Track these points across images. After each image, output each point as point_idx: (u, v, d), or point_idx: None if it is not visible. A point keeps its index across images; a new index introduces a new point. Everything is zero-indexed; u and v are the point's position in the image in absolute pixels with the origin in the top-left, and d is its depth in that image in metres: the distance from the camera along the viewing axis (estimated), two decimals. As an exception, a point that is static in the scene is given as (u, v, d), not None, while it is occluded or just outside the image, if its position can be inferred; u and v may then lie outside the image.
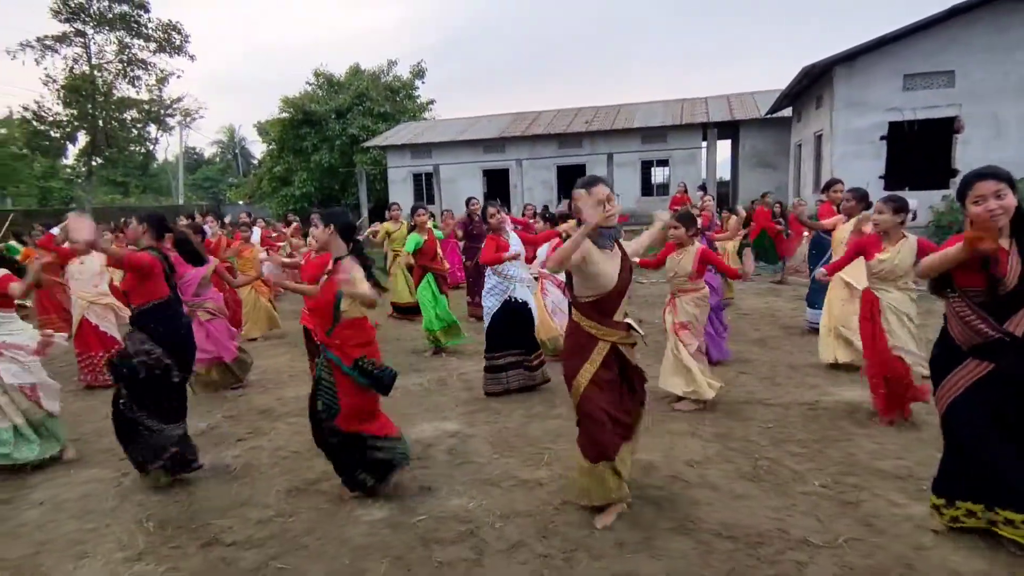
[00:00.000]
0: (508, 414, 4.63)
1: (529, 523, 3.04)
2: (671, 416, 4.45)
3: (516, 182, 20.75)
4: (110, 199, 34.69)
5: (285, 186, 26.68)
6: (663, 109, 21.70)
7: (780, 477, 3.43)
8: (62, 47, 24.23)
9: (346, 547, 2.90)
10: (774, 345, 6.35)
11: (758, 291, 9.50)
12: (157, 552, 2.92)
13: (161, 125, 29.50)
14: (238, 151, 50.82)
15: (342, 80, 27.83)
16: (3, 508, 3.44)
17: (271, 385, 5.67)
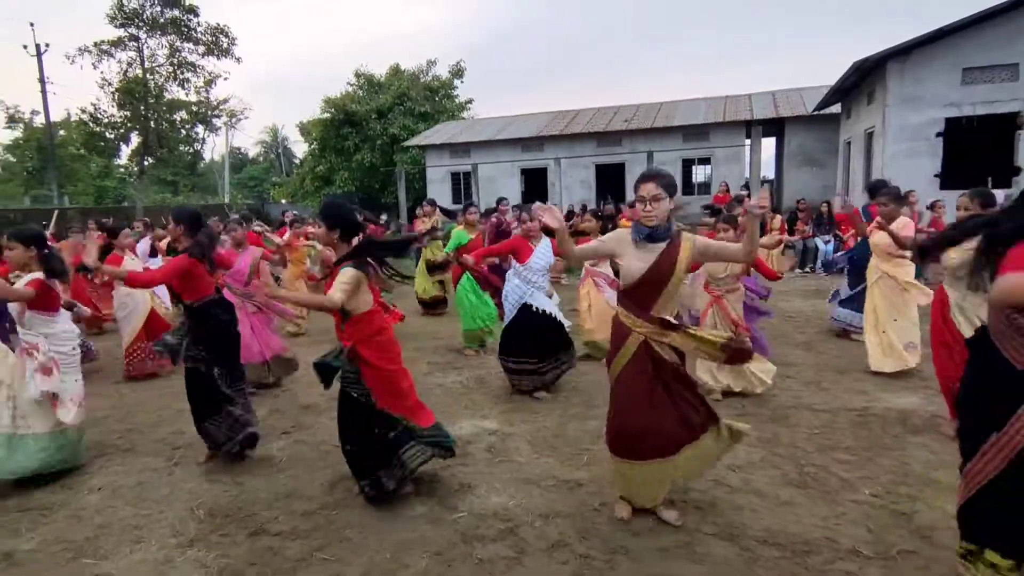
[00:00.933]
0: (547, 413, 4.62)
1: (569, 523, 3.03)
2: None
3: (554, 181, 20.68)
4: (160, 198, 36.01)
5: (327, 185, 27.22)
6: (705, 106, 21.30)
7: (828, 485, 3.34)
8: (117, 52, 25.23)
9: (387, 541, 2.94)
10: (820, 349, 6.17)
11: (803, 293, 9.25)
12: (207, 539, 3.02)
13: (208, 126, 30.41)
14: (281, 151, 52.06)
15: (382, 80, 28.21)
16: (66, 493, 3.61)
17: (315, 380, 5.77)
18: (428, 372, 5.80)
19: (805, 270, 11.28)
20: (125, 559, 2.87)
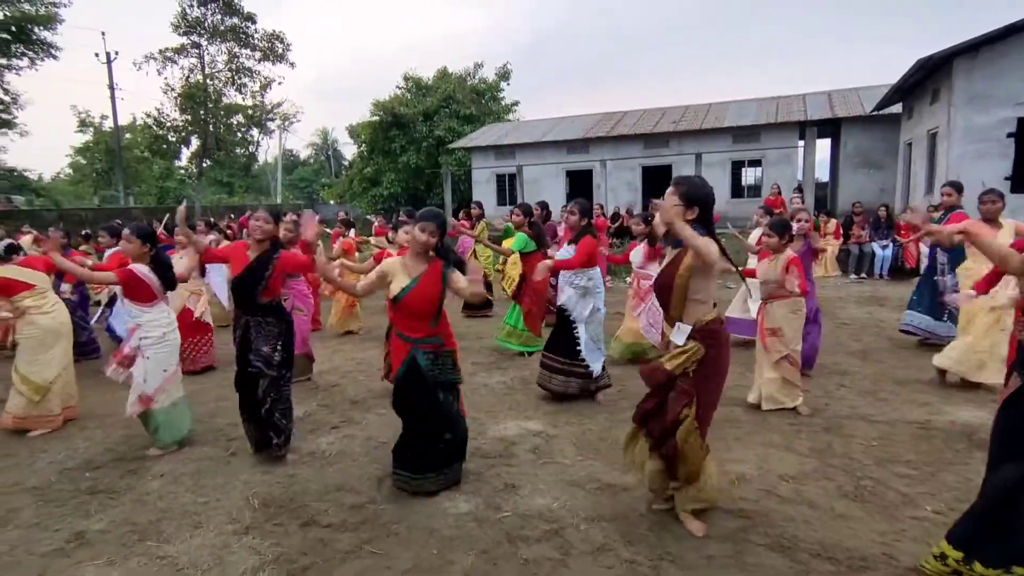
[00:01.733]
0: (591, 416, 4.59)
1: (614, 527, 3.01)
2: (765, 427, 4.27)
3: (600, 183, 20.56)
4: (217, 198, 37.46)
5: (374, 186, 27.79)
6: (756, 107, 20.80)
7: (886, 499, 3.21)
8: (180, 58, 26.38)
9: (434, 537, 2.98)
10: (877, 358, 5.94)
11: (859, 300, 8.92)
12: (262, 528, 3.13)
13: (262, 129, 31.41)
14: (331, 153, 53.41)
15: (430, 83, 28.63)
16: (131, 478, 3.80)
17: (362, 377, 5.92)
18: (472, 372, 5.85)
19: (861, 276, 10.87)
20: (185, 543, 3.00)
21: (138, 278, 4.02)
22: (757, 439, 4.07)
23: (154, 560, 2.87)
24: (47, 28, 18.93)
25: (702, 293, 2.81)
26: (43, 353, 4.66)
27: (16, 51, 18.81)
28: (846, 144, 18.50)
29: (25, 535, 3.15)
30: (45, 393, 4.61)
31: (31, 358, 4.63)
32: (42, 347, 4.65)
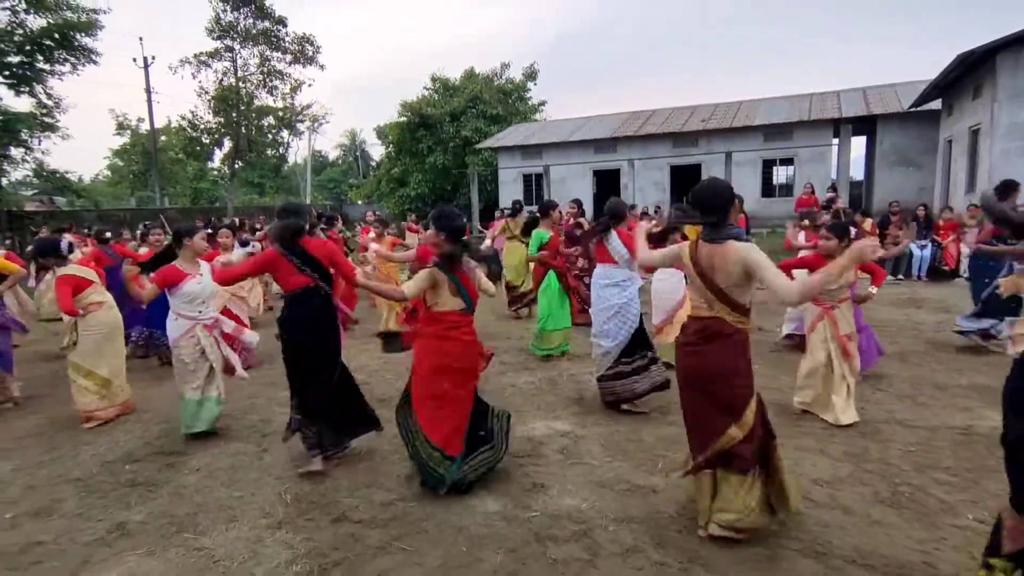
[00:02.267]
0: (619, 417, 4.56)
1: (643, 529, 2.99)
2: (797, 430, 4.19)
3: (627, 182, 20.42)
4: (248, 199, 38.21)
5: (401, 187, 28.05)
6: (788, 105, 20.43)
7: (926, 506, 3.12)
8: (214, 62, 27.03)
9: (462, 535, 3.00)
10: (916, 361, 5.78)
11: (895, 301, 8.69)
12: (294, 522, 3.18)
13: (292, 130, 31.97)
14: (359, 153, 54.04)
15: (457, 84, 28.77)
16: (169, 471, 3.90)
17: (389, 376, 5.98)
18: (501, 372, 5.86)
19: (898, 277, 10.58)
20: (221, 536, 3.07)
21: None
22: (789, 442, 3.98)
23: (191, 551, 2.94)
24: (88, 34, 19.52)
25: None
26: (107, 347, 4.86)
27: (59, 57, 19.45)
28: (882, 142, 18.04)
29: (69, 525, 3.26)
30: (110, 385, 4.84)
31: (97, 352, 4.80)
32: (106, 341, 4.85)
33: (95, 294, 4.89)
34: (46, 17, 18.77)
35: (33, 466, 4.08)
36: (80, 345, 4.79)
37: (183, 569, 2.80)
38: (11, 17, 18.33)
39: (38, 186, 26.36)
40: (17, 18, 18.43)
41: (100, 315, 4.85)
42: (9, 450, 4.39)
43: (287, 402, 5.15)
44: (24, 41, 18.56)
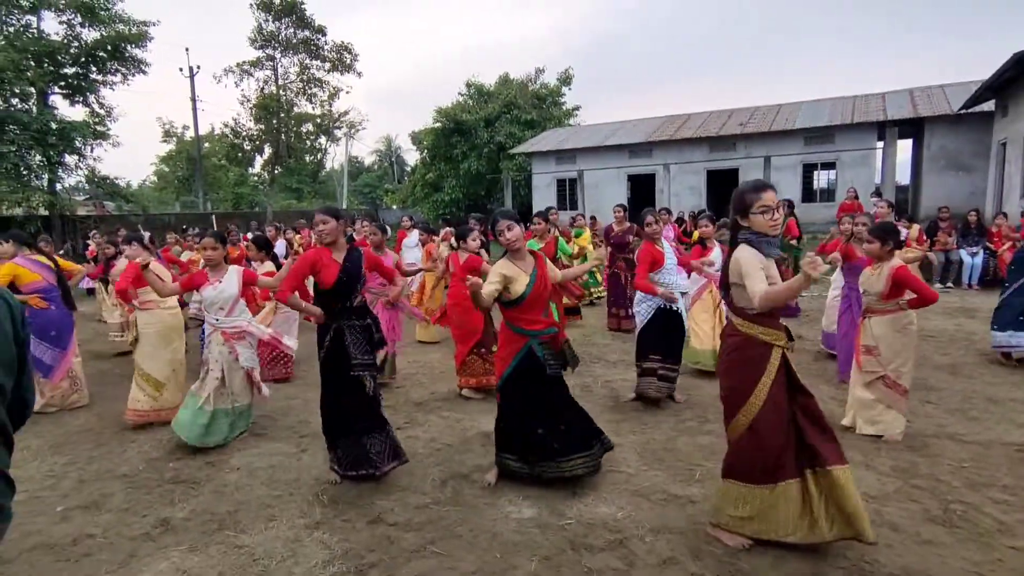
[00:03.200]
0: (656, 426, 4.50)
1: (680, 540, 2.93)
2: (841, 443, 4.04)
3: (662, 187, 20.20)
4: (287, 204, 39.07)
5: (436, 192, 28.33)
6: (831, 107, 19.92)
7: (980, 526, 2.98)
8: (256, 71, 27.81)
9: (497, 541, 2.99)
10: (968, 373, 5.54)
11: (946, 311, 8.36)
12: (331, 523, 3.22)
13: (330, 136, 32.61)
14: (394, 159, 54.73)
15: (492, 89, 28.95)
16: (210, 469, 4.00)
17: (425, 379, 6.02)
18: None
19: (947, 285, 10.19)
20: (261, 534, 3.13)
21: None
22: (833, 455, 3.87)
23: (232, 549, 3.00)
24: (138, 46, 20.31)
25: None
26: (163, 348, 4.90)
27: (111, 68, 20.28)
28: (930, 145, 17.43)
29: (116, 519, 3.37)
30: (162, 389, 4.86)
31: (152, 353, 4.87)
32: (163, 342, 4.91)
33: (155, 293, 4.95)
34: (100, 30, 19.59)
35: (84, 461, 4.23)
36: (139, 343, 4.89)
37: (224, 566, 2.86)
38: (68, 31, 19.20)
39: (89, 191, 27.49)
40: (73, 31, 19.30)
41: (157, 312, 4.91)
42: (62, 445, 4.56)
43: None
44: (79, 53, 19.42)
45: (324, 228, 3.64)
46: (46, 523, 3.34)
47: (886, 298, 4.08)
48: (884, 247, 4.08)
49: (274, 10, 26.39)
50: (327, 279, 3.58)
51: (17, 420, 1.58)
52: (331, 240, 3.66)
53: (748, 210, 2.73)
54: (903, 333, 4.08)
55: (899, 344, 4.08)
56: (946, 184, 16.84)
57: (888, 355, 4.08)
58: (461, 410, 5.05)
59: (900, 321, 4.07)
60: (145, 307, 4.92)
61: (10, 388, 1.48)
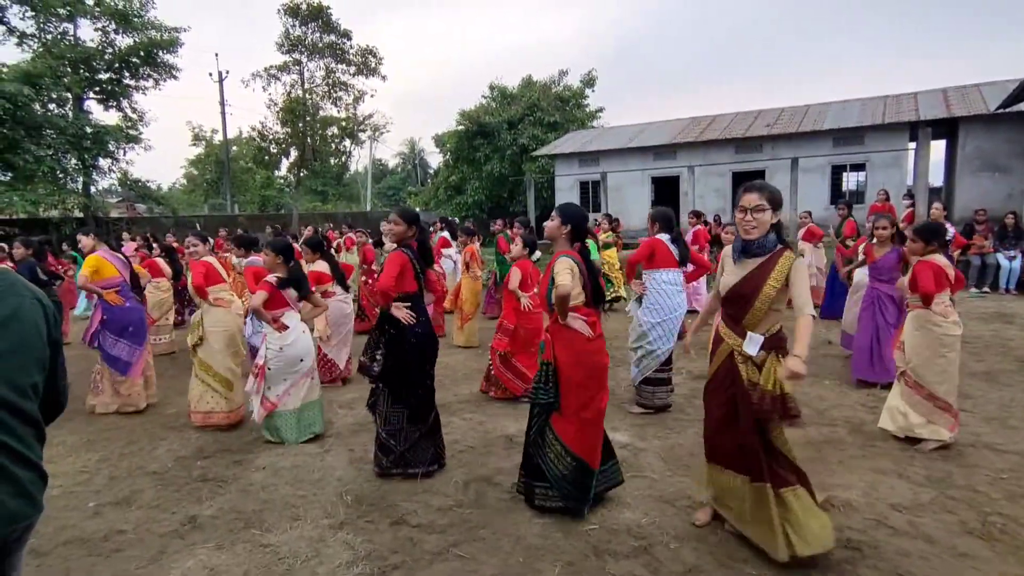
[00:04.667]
0: (680, 430, 4.44)
1: (706, 549, 2.88)
2: (873, 451, 3.96)
3: (687, 190, 19.96)
4: (312, 206, 39.58)
5: (459, 194, 28.44)
6: (860, 107, 19.52)
7: (1020, 540, 2.88)
8: (283, 75, 28.21)
9: (520, 545, 2.97)
10: (1006, 381, 5.37)
11: (982, 316, 8.12)
12: (355, 524, 3.24)
13: (355, 139, 32.91)
14: (417, 162, 55.11)
15: (515, 92, 28.97)
16: (237, 468, 4.06)
17: (448, 382, 6.02)
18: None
19: (983, 290, 9.90)
20: (285, 533, 3.16)
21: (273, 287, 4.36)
22: (864, 464, 3.78)
23: (258, 547, 3.03)
24: (169, 51, 20.76)
25: (781, 303, 2.73)
26: (231, 348, 4.90)
27: (143, 73, 20.76)
28: (964, 146, 16.97)
29: (146, 515, 3.43)
30: (232, 387, 4.83)
31: (224, 352, 4.83)
32: (231, 343, 4.90)
33: (223, 292, 4.99)
34: (133, 36, 20.08)
35: (116, 458, 4.32)
36: (206, 342, 4.83)
37: (250, 564, 2.89)
38: (102, 37, 19.71)
39: (121, 194, 28.17)
40: (108, 38, 19.80)
41: (227, 316, 4.90)
42: (95, 442, 4.67)
43: (349, 404, 5.32)
44: (113, 59, 19.90)
45: (395, 230, 3.77)
46: (79, 518, 3.42)
47: (911, 292, 4.06)
48: (928, 246, 4.02)
49: (301, 15, 26.74)
50: (411, 281, 3.69)
51: (50, 416, 1.66)
52: (400, 242, 3.77)
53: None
54: (923, 332, 3.98)
55: (919, 342, 3.99)
56: (981, 186, 16.38)
57: (909, 352, 4.04)
58: (484, 412, 5.05)
59: (921, 318, 3.99)
60: (217, 304, 4.90)
61: (42, 385, 1.56)
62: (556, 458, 3.17)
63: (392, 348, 3.67)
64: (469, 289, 7.51)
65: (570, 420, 3.15)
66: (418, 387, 3.74)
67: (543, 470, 3.21)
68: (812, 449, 4.01)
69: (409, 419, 3.71)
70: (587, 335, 3.15)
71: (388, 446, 3.73)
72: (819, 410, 4.81)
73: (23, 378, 1.51)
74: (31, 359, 1.54)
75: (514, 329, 5.23)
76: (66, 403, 1.74)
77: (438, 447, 3.86)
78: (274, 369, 4.35)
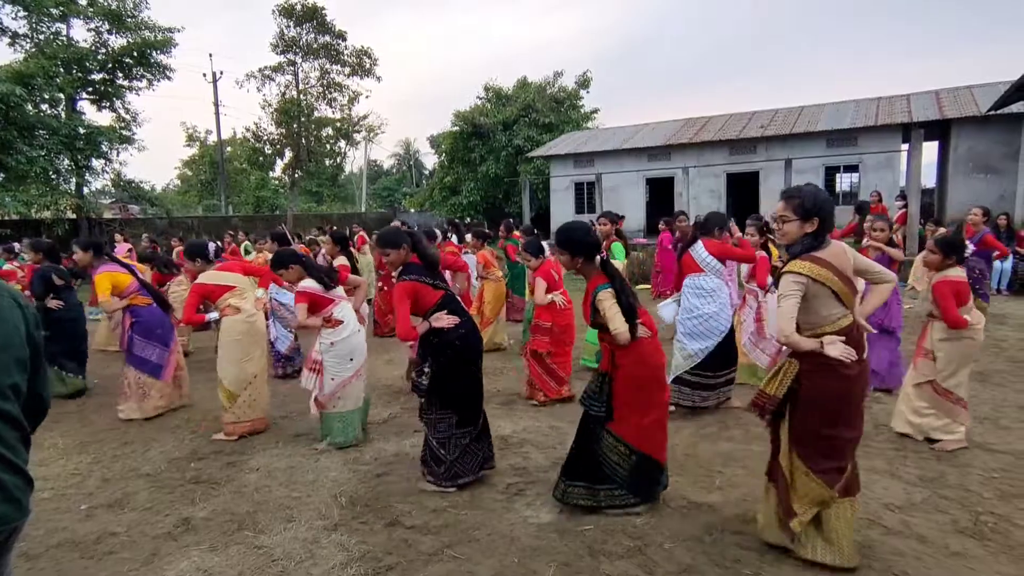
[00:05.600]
0: (675, 432, 4.43)
1: (701, 549, 2.89)
2: (866, 450, 3.96)
3: (681, 191, 20.03)
4: (307, 207, 39.50)
5: (454, 195, 28.44)
6: (854, 109, 19.61)
7: (1012, 539, 2.90)
8: (277, 76, 28.14)
9: (515, 546, 2.97)
10: (999, 381, 5.41)
11: (973, 316, 8.16)
12: (349, 525, 3.23)
13: (350, 140, 32.86)
14: (412, 163, 55.07)
15: (510, 93, 29.00)
16: (230, 469, 4.04)
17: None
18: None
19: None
20: (279, 535, 3.15)
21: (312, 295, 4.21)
22: (858, 463, 3.79)
23: (251, 549, 3.02)
24: (163, 52, 20.67)
25: (816, 311, 2.61)
26: (238, 357, 4.59)
27: (137, 74, 20.67)
28: (957, 147, 17.08)
29: (139, 517, 3.41)
30: (235, 399, 4.58)
31: (228, 359, 4.58)
32: (239, 351, 4.59)
33: (233, 298, 4.64)
34: (126, 37, 19.98)
35: (108, 460, 4.30)
36: (219, 352, 4.64)
37: (244, 566, 2.88)
38: (95, 38, 19.62)
39: (115, 195, 28.04)
40: (101, 38, 19.70)
41: (236, 320, 4.59)
42: (88, 444, 4.64)
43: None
44: (106, 60, 19.80)
45: (392, 259, 3.72)
46: (71, 521, 3.40)
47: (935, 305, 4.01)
48: (946, 259, 3.96)
49: (295, 16, 26.69)
50: (430, 294, 3.61)
51: (34, 418, 1.66)
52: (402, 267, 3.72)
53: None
54: (955, 343, 3.93)
55: (954, 353, 3.94)
56: (974, 187, 16.48)
57: (941, 363, 3.98)
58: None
59: (948, 329, 3.92)
60: (225, 313, 4.62)
61: (25, 387, 1.56)
62: (621, 459, 3.13)
63: (437, 355, 3.52)
64: (492, 292, 7.25)
65: (633, 420, 3.11)
66: (466, 387, 3.58)
67: (606, 473, 3.16)
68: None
69: (458, 423, 3.55)
70: (647, 336, 3.12)
71: (439, 456, 3.55)
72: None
73: (3, 378, 1.50)
74: (11, 359, 1.53)
75: (550, 327, 5.14)
76: (50, 405, 1.74)
77: (487, 450, 3.72)
78: (324, 366, 4.22)
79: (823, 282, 2.54)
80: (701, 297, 4.73)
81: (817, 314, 2.59)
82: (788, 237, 2.67)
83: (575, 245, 3.19)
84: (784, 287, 2.57)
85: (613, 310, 3.03)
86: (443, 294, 3.62)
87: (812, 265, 2.55)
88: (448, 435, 3.55)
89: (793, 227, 2.63)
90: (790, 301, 2.54)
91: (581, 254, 3.19)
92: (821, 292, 2.56)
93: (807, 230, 2.61)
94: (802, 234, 2.62)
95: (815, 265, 2.55)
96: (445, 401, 3.54)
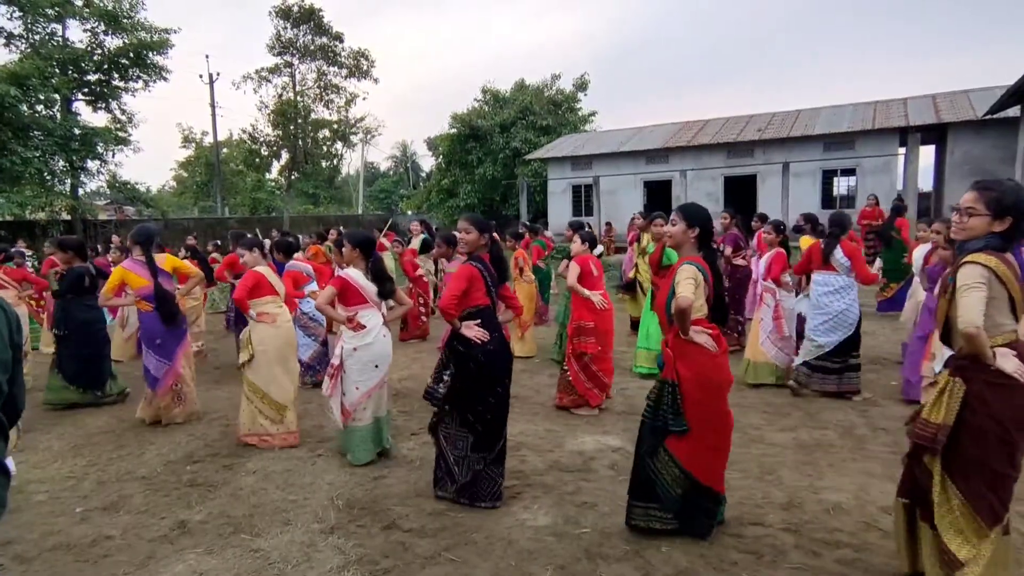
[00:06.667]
0: (672, 434, 4.44)
1: (697, 552, 2.89)
2: (862, 454, 3.99)
3: (679, 194, 20.07)
4: (304, 209, 39.45)
5: (451, 197, 28.43)
6: (852, 113, 19.68)
7: (1012, 540, 2.90)
8: (274, 77, 28.14)
9: (512, 549, 2.96)
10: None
11: (968, 319, 8.18)
12: (346, 528, 3.22)
13: (346, 142, 32.85)
14: (409, 165, 55.02)
15: (507, 95, 29.04)
16: (227, 472, 4.02)
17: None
18: (549, 385, 5.81)
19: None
20: (276, 538, 3.13)
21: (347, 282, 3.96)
22: (853, 466, 3.81)
23: (248, 552, 3.01)
24: (159, 53, 20.62)
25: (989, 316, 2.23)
26: (278, 368, 4.46)
27: (133, 75, 20.61)
28: (953, 151, 17.15)
29: (135, 521, 3.39)
30: (285, 412, 4.46)
31: (269, 373, 4.42)
32: (279, 361, 4.46)
33: (271, 304, 4.54)
34: (122, 38, 19.94)
35: (104, 463, 4.28)
36: (255, 362, 4.43)
37: (240, 569, 2.86)
38: (91, 39, 19.57)
39: (110, 196, 27.94)
40: (97, 39, 19.65)
41: (270, 329, 4.45)
42: (83, 447, 4.62)
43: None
44: (102, 60, 19.75)
45: (467, 238, 3.43)
46: (66, 523, 3.37)
47: None
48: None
49: (292, 17, 26.70)
50: (481, 294, 3.37)
51: (10, 417, 1.68)
52: (471, 252, 3.46)
53: None
54: None
55: None
56: (969, 190, 16.56)
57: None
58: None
59: None
60: (261, 319, 4.46)
61: (6, 387, 1.58)
62: (673, 481, 2.92)
63: (459, 366, 3.34)
64: (524, 294, 7.11)
65: (689, 441, 2.87)
66: (486, 411, 3.35)
67: (656, 492, 2.96)
68: (803, 452, 4.04)
69: (473, 446, 3.36)
70: (711, 349, 2.87)
71: (453, 473, 3.42)
72: (810, 413, 4.84)
73: None
74: None
75: (594, 327, 5.00)
76: (23, 406, 1.75)
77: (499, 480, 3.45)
78: (346, 372, 3.97)
79: (1006, 283, 2.21)
80: (831, 295, 5.10)
81: (990, 319, 2.21)
82: (969, 232, 2.32)
83: (703, 220, 2.96)
84: (968, 277, 2.22)
85: (689, 281, 2.78)
86: (487, 305, 3.40)
87: (1000, 263, 2.22)
88: (463, 455, 3.39)
89: (980, 223, 2.29)
90: (978, 293, 2.19)
91: (699, 227, 2.94)
92: (1000, 295, 2.23)
93: (995, 229, 2.27)
94: (988, 232, 2.29)
95: (1002, 263, 2.23)
96: (463, 420, 3.37)
